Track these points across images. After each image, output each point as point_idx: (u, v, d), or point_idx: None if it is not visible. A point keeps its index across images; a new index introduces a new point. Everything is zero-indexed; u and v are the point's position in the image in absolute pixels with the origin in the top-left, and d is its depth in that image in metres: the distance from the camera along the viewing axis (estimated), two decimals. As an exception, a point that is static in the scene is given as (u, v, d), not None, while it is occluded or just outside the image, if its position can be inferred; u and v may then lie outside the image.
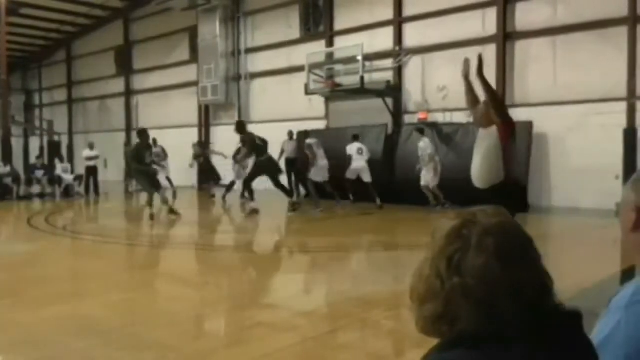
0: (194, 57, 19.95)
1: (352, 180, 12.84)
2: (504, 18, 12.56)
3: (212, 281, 6.38)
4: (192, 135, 20.19)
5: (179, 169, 20.36)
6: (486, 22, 12.91)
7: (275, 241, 9.14)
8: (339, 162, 13.93)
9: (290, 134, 15.26)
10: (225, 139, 19.32)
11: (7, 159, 17.54)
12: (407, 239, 8.61)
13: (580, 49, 11.63)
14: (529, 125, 11.68)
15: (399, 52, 14.48)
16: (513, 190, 5.16)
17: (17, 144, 20.10)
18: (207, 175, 16.79)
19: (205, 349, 4.02)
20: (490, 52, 12.79)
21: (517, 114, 12.33)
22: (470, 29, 13.03)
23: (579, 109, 11.54)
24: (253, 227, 11.44)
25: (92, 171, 17.48)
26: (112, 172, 22.54)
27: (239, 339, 4.30)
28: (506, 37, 12.58)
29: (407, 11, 14.42)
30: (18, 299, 5.45)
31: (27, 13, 21.23)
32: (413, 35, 14.34)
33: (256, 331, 4.40)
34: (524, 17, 12.45)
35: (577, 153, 11.52)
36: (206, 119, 20.15)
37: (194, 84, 19.75)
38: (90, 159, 17.60)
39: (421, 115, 13.62)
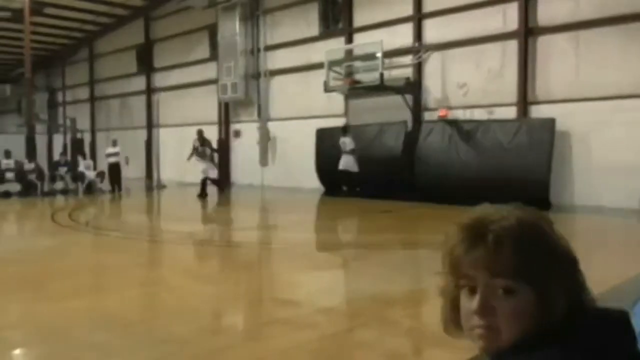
0: (214, 54, 20.05)
1: (344, 172, 13.85)
2: (526, 13, 12.38)
3: (231, 277, 6.41)
4: (212, 132, 20.31)
5: (199, 165, 20.49)
6: (507, 17, 12.74)
7: (293, 238, 9.13)
8: (359, 158, 13.94)
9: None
10: (245, 136, 19.43)
11: (32, 156, 17.84)
12: (426, 237, 8.55)
13: (604, 44, 11.42)
14: (551, 122, 11.51)
15: (418, 49, 14.37)
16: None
17: (41, 141, 20.40)
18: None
19: (223, 344, 4.04)
20: (511, 48, 12.64)
21: (540, 111, 12.19)
22: (491, 24, 12.88)
23: (603, 105, 11.33)
24: (272, 224, 11.48)
25: (113, 167, 17.70)
26: (134, 169, 22.79)
27: (257, 335, 4.31)
28: (528, 32, 12.40)
29: (427, 7, 14.30)
30: (40, 292, 5.53)
31: (51, 12, 21.54)
32: (433, 31, 14.23)
33: (274, 327, 4.41)
34: (546, 12, 12.26)
35: (600, 151, 11.32)
36: (226, 116, 20.25)
37: (214, 81, 19.85)
38: (111, 155, 17.83)
39: (441, 112, 13.51)
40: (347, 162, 13.94)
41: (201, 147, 15.45)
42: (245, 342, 4.16)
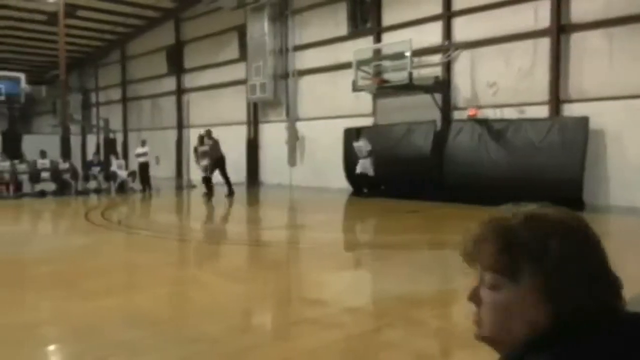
0: (243, 55, 20.21)
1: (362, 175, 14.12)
2: (558, 10, 12.16)
3: (260, 276, 6.46)
4: (241, 132, 20.49)
5: (229, 165, 20.69)
6: (539, 14, 12.52)
7: (321, 238, 9.15)
8: (386, 158, 13.89)
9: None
10: (273, 136, 19.54)
11: (66, 155, 18.28)
12: (453, 238, 8.47)
13: (637, 41, 11.13)
14: (584, 120, 11.28)
15: (447, 47, 14.25)
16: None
17: (75, 141, 20.88)
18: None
19: (252, 343, 4.07)
20: (542, 46, 12.43)
21: (573, 110, 11.96)
22: (522, 22, 12.69)
23: (638, 103, 11.06)
24: (300, 224, 11.52)
25: (143, 167, 18.00)
26: (164, 169, 23.14)
27: (285, 334, 4.34)
28: (560, 29, 12.17)
29: (456, 5, 14.16)
30: (74, 290, 5.66)
31: (84, 15, 22.01)
32: (462, 29, 14.08)
33: (301, 327, 4.43)
34: (579, 9, 12.01)
35: (635, 149, 11.04)
36: (255, 116, 20.40)
37: (243, 81, 20.01)
38: (140, 155, 18.14)
39: (471, 112, 13.37)
40: (363, 166, 14.12)
41: (202, 146, 15.65)
42: (274, 342, 4.19)
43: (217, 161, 15.58)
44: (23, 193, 16.61)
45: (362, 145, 14.20)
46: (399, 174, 13.25)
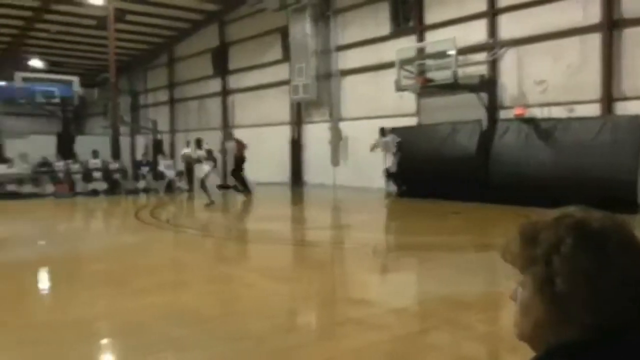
0: (286, 56, 20.37)
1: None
2: (609, 5, 11.77)
3: (304, 276, 6.51)
4: (285, 132, 20.67)
5: (273, 165, 20.95)
6: (588, 9, 12.14)
7: (365, 238, 9.15)
8: (430, 158, 13.75)
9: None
10: (316, 136, 19.63)
11: (117, 156, 18.86)
12: (499, 240, 8.32)
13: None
14: (639, 119, 10.88)
15: (493, 45, 13.99)
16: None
17: (124, 142, 21.49)
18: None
19: (296, 342, 4.12)
20: (592, 42, 12.05)
21: (627, 108, 11.54)
22: (571, 17, 12.34)
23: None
24: (344, 224, 11.54)
25: (189, 167, 18.38)
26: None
27: (330, 334, 4.37)
28: (612, 25, 11.77)
29: (502, 2, 13.89)
30: (124, 287, 5.86)
31: (132, 19, 22.63)
32: (508, 26, 13.80)
33: (346, 327, 4.45)
34: (631, 4, 11.59)
35: (693, 149, 10.59)
36: (298, 116, 20.53)
37: (287, 82, 20.17)
38: (185, 156, 18.52)
39: (518, 111, 13.09)
40: (388, 162, 14.41)
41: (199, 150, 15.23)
42: (318, 341, 4.23)
43: (241, 162, 15.77)
44: (77, 192, 17.24)
45: (389, 141, 14.29)
46: (443, 174, 13.10)
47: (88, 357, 3.82)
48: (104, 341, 4.28)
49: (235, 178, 15.81)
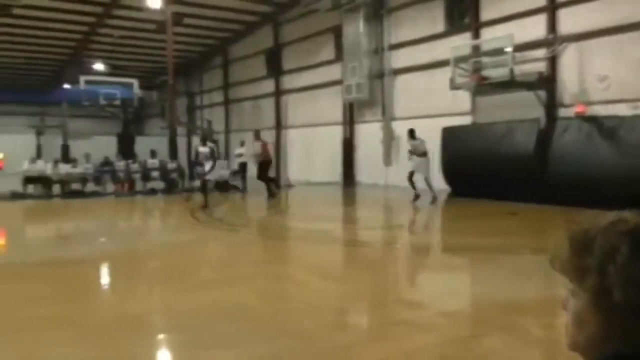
0: (338, 56, 20.39)
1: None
2: (679, -4, 11.17)
3: (355, 276, 6.50)
4: (337, 132, 20.69)
5: (325, 165, 21.03)
6: (656, 2, 11.58)
7: (418, 239, 9.06)
8: (485, 157, 13.45)
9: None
10: (369, 136, 19.56)
11: (174, 156, 19.38)
12: (560, 241, 8.03)
13: None
14: None
15: (552, 41, 13.53)
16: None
17: (181, 142, 22.05)
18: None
19: (347, 341, 4.12)
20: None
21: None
22: (635, 11, 11.76)
23: None
24: (396, 224, 11.45)
25: (242, 167, 18.68)
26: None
27: (380, 335, 4.34)
28: (681, 17, 11.17)
29: (562, -4, 13.43)
30: (179, 283, 6.01)
31: (189, 23, 23.21)
32: (569, 21, 13.31)
33: (397, 328, 4.41)
34: None
35: None
36: (350, 116, 20.51)
37: (339, 82, 20.19)
38: (239, 155, 18.84)
39: (578, 109, 12.62)
40: (419, 165, 13.44)
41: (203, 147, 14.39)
42: (369, 342, 4.20)
43: (265, 165, 15.84)
44: (136, 191, 17.83)
45: (417, 143, 13.57)
46: (498, 174, 12.77)
47: (142, 352, 3.94)
48: (159, 336, 4.40)
49: (262, 181, 15.88)
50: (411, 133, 13.76)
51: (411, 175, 13.55)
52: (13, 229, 10.87)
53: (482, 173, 13.28)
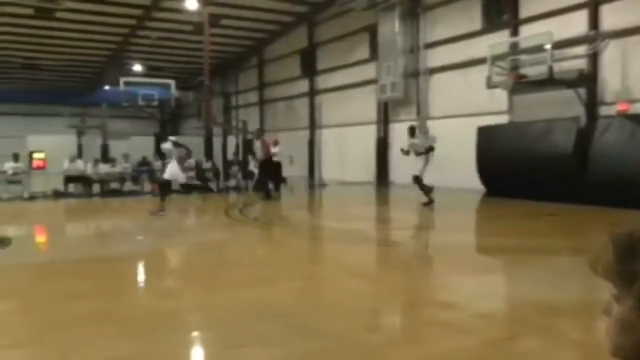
0: (373, 55, 20.32)
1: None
2: None
3: (389, 276, 6.46)
4: (371, 132, 20.62)
5: (359, 164, 20.98)
6: None
7: (452, 239, 8.94)
8: (523, 157, 13.17)
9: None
10: (403, 136, 19.38)
11: (209, 155, 19.63)
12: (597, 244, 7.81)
13: None
14: None
15: (594, 38, 13.17)
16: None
17: (217, 142, 22.31)
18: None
19: (380, 342, 4.09)
20: None
21: None
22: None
23: None
24: (431, 225, 11.34)
25: (276, 166, 18.75)
26: (298, 168, 23.93)
27: (414, 336, 4.30)
28: None
29: (605, -9, 13.06)
30: (213, 281, 6.09)
31: (225, 24, 23.47)
32: (611, 17, 12.94)
33: (431, 329, 4.36)
34: None
35: None
36: (385, 115, 20.40)
37: (374, 81, 20.10)
38: (273, 155, 18.92)
39: (621, 107, 12.25)
40: (417, 166, 12.62)
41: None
42: (403, 343, 4.17)
43: (266, 164, 15.76)
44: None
45: (417, 143, 12.64)
46: (536, 174, 12.51)
47: (178, 348, 4.00)
48: (194, 333, 4.46)
49: (262, 180, 15.82)
50: (412, 131, 13.01)
51: (418, 178, 12.66)
52: (55, 227, 11.19)
53: (519, 173, 13.02)
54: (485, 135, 14.69)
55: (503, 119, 15.21)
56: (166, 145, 12.84)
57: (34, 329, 4.40)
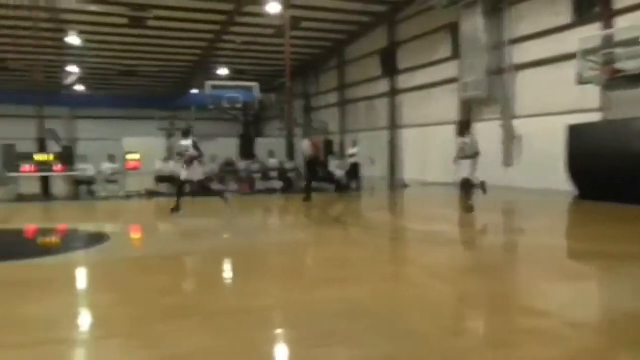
0: (455, 53, 19.88)
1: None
2: None
3: (474, 280, 6.29)
4: (453, 131, 20.16)
5: (441, 165, 20.60)
6: None
7: (542, 243, 8.57)
8: (619, 157, 12.41)
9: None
10: (487, 135, 18.83)
11: (291, 156, 19.97)
12: None
13: None
14: None
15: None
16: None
17: (299, 143, 22.67)
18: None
19: (465, 346, 4.00)
20: None
21: None
22: None
23: None
24: (518, 228, 10.94)
25: (354, 167, 18.79)
26: (378, 169, 23.86)
27: (500, 342, 4.16)
28: None
29: None
30: (296, 280, 6.19)
31: (306, 26, 23.79)
32: None
33: (519, 336, 4.21)
34: None
35: None
36: (466, 114, 19.89)
37: (455, 80, 19.67)
38: (352, 155, 18.97)
39: None
40: (465, 168, 11.75)
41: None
42: (488, 348, 4.05)
43: (313, 163, 15.45)
44: (257, 190, 18.62)
45: (468, 142, 11.66)
46: (634, 175, 11.75)
47: (262, 345, 4.09)
48: (277, 330, 4.55)
49: (311, 180, 15.64)
50: (463, 126, 12.18)
51: (467, 182, 11.79)
52: (147, 224, 11.80)
53: (614, 174, 12.29)
54: (577, 134, 13.98)
55: (595, 117, 14.43)
56: (185, 143, 12.43)
57: (128, 321, 4.66)
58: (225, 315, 4.76)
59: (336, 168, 19.28)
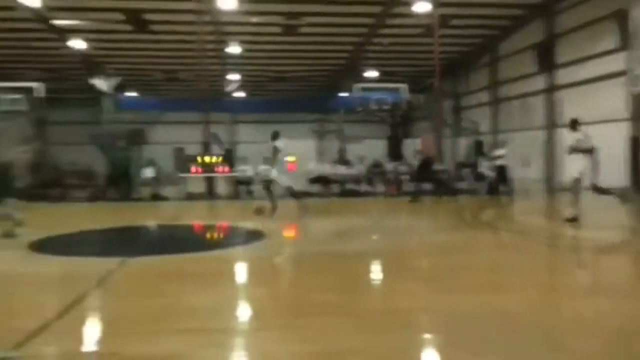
0: (623, 43, 18.11)
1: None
2: None
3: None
4: (621, 130, 18.40)
5: (605, 168, 18.84)
6: None
7: None
8: None
9: None
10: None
11: (441, 158, 19.65)
12: None
13: None
14: None
15: None
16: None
17: (447, 144, 22.25)
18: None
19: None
20: None
21: None
22: None
23: None
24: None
25: (501, 169, 17.89)
26: (534, 170, 22.56)
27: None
28: None
29: None
30: (444, 283, 6.08)
31: (454, 23, 23.22)
32: None
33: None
34: None
35: None
36: (638, 111, 18.01)
37: (624, 73, 17.92)
38: (499, 157, 18.08)
39: None
40: (583, 167, 10.70)
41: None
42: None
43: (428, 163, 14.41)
44: (404, 191, 18.60)
45: (582, 138, 10.69)
46: None
47: (411, 347, 4.11)
48: (427, 334, 4.52)
49: (423, 182, 14.72)
50: (573, 124, 11.07)
51: (578, 182, 10.81)
52: (299, 223, 12.34)
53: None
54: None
55: None
56: (280, 144, 12.42)
57: (281, 315, 4.95)
58: (375, 316, 4.85)
59: (487, 169, 18.60)
